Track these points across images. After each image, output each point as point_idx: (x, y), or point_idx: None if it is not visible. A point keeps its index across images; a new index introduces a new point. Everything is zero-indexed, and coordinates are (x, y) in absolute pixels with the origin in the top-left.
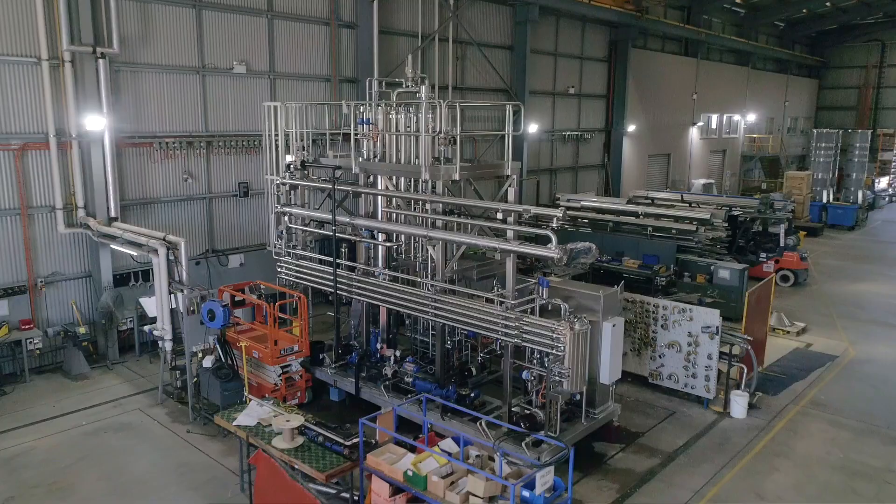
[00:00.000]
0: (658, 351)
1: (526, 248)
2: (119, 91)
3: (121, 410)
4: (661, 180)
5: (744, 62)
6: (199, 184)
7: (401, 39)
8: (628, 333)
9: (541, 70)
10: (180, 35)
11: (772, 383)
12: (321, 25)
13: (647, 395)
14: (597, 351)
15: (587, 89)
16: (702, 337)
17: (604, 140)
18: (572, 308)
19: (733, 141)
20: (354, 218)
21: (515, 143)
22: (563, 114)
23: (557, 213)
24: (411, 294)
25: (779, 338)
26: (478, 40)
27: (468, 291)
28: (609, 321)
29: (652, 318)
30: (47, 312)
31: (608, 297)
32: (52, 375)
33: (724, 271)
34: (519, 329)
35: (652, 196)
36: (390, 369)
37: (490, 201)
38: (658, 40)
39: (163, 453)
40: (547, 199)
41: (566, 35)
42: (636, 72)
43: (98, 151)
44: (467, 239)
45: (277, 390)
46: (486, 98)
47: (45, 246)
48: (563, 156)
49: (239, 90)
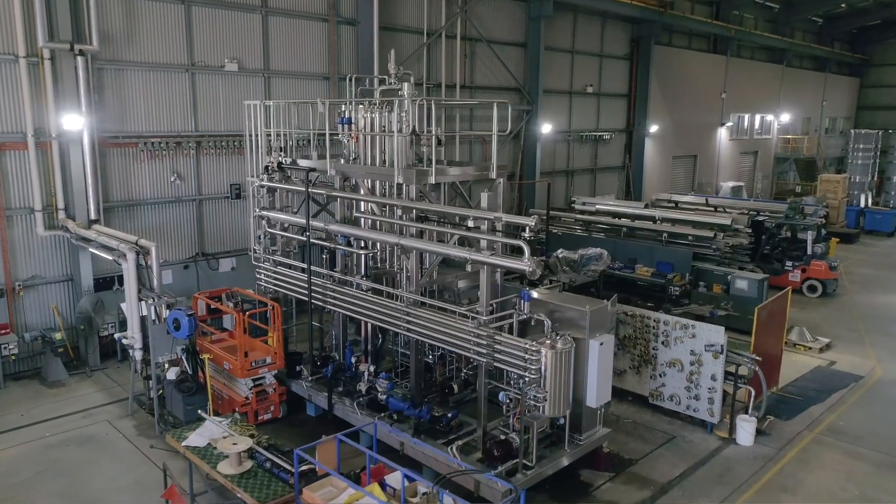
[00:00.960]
0: (658, 369)
1: (496, 259)
2: (103, 90)
3: (89, 421)
4: (686, 183)
5: (778, 60)
6: (188, 185)
7: (405, 36)
8: (627, 350)
9: (557, 68)
10: (168, 32)
11: (786, 406)
12: (319, 22)
13: (647, 416)
14: (583, 371)
15: (607, 88)
16: (705, 356)
17: (625, 141)
18: (558, 323)
19: (766, 142)
20: (329, 223)
21: (527, 143)
22: (580, 113)
23: (530, 222)
24: (384, 306)
25: (799, 354)
26: (488, 37)
27: (440, 305)
28: (597, 339)
29: (652, 334)
30: (27, 317)
31: (596, 312)
32: (29, 382)
33: (741, 281)
34: (490, 348)
35: (675, 199)
36: (365, 385)
37: (462, 207)
38: (684, 37)
39: (122, 469)
40: (563, 201)
41: (584, 31)
42: (660, 70)
43: (77, 152)
44: (437, 248)
45: (248, 404)
46: (498, 97)
47: (25, 248)
48: (581, 157)
49: (231, 89)
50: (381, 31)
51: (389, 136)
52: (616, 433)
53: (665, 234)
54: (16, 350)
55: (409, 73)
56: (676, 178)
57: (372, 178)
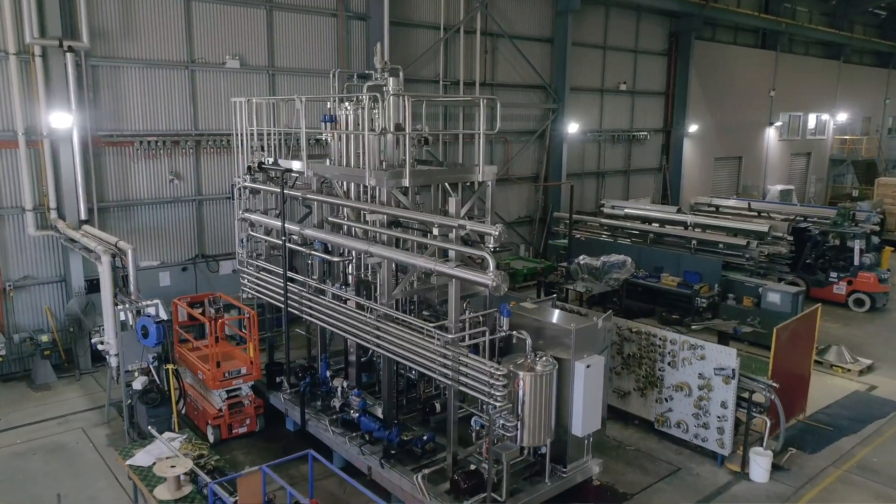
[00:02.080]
0: (665, 392)
1: (459, 271)
2: (98, 87)
3: (64, 428)
4: (730, 186)
5: (834, 55)
6: (187, 185)
7: (420, 32)
8: (632, 370)
9: (587, 64)
10: (167, 28)
11: (812, 437)
12: (328, 17)
13: (652, 444)
14: (568, 396)
15: (642, 85)
16: (715, 380)
17: (662, 141)
18: (542, 341)
19: (820, 143)
20: (304, 227)
21: (553, 143)
22: (613, 112)
23: (493, 232)
24: (354, 318)
25: (835, 377)
26: (511, 32)
27: (408, 319)
28: (584, 360)
29: (658, 354)
30: (18, 318)
31: (583, 331)
32: (17, 384)
33: (773, 294)
34: (456, 370)
35: (716, 203)
36: (339, 401)
37: (430, 213)
38: (729, 31)
39: (81, 482)
40: (593, 204)
41: (618, 26)
42: (701, 66)
43: (67, 151)
44: (400, 256)
45: (221, 417)
46: (521, 96)
47: (17, 248)
48: (613, 158)
49: (232, 87)
50: (394, 27)
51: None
52: (614, 462)
53: (694, 242)
54: (3, 351)
55: (398, 68)
56: (719, 181)
57: (346, 180)
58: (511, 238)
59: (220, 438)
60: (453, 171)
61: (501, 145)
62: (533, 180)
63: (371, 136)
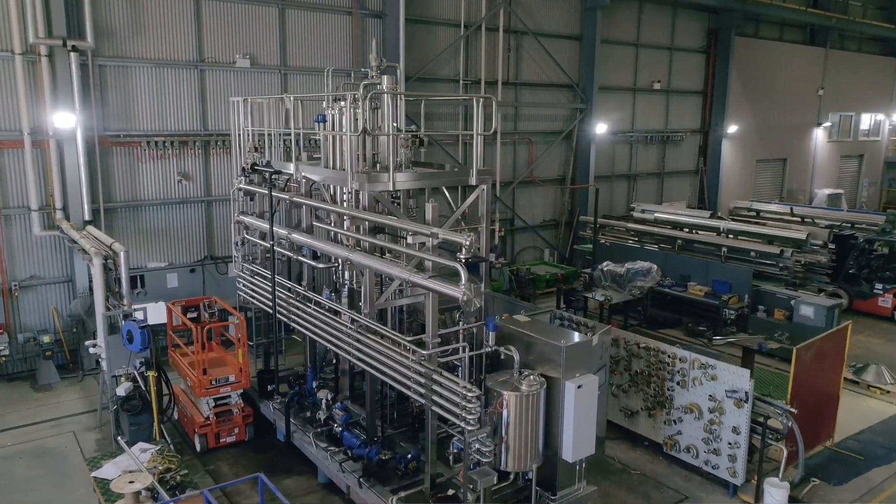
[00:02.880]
0: (674, 414)
1: (431, 282)
2: (105, 87)
3: (55, 432)
4: (773, 189)
5: (891, 52)
6: (196, 186)
7: (440, 29)
8: (640, 388)
9: (617, 62)
10: (176, 27)
11: (838, 466)
12: (343, 14)
13: (661, 468)
14: (558, 418)
15: (678, 84)
16: (726, 403)
17: (699, 142)
18: (533, 357)
19: (874, 144)
20: (292, 232)
21: (580, 144)
22: (645, 112)
23: (464, 241)
24: (335, 328)
25: (872, 399)
26: (536, 29)
27: (385, 331)
28: (575, 380)
29: (668, 372)
30: (24, 318)
31: (575, 348)
32: (21, 384)
33: (806, 307)
34: (429, 388)
35: (756, 208)
36: (324, 414)
37: (405, 220)
38: (774, 27)
39: (60, 490)
40: (623, 208)
41: (652, 22)
42: (742, 64)
43: (72, 151)
44: (381, 266)
45: (208, 425)
46: (547, 95)
47: (23, 248)
48: (646, 160)
49: (243, 86)
50: (413, 25)
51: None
52: (616, 487)
53: (724, 249)
54: (6, 351)
55: (395, 66)
56: (762, 185)
57: (332, 183)
58: (535, 243)
59: (207, 447)
60: (444, 175)
61: (525, 146)
62: (559, 182)
63: (353, 138)
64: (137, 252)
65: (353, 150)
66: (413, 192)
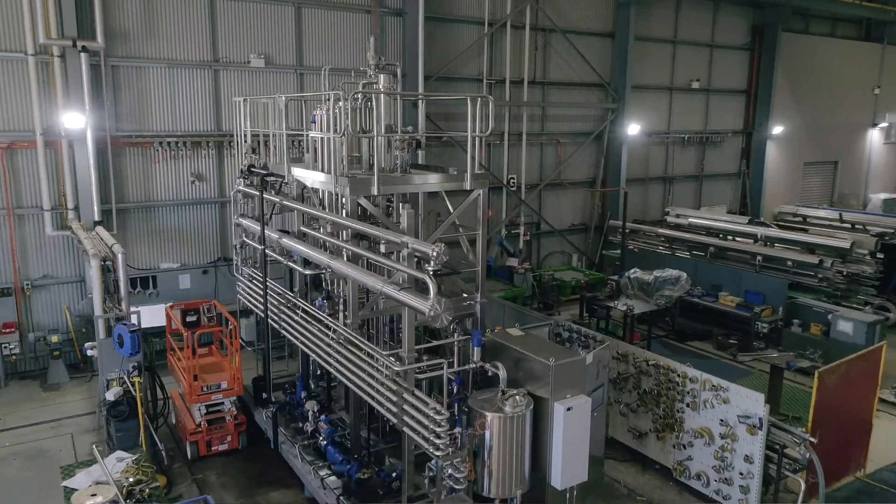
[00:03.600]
0: (684, 438)
1: (401, 294)
2: (119, 87)
3: (54, 433)
4: (823, 194)
5: None
6: (209, 187)
7: (463, 27)
8: (649, 408)
9: (653, 61)
10: (190, 27)
11: (870, 500)
12: (361, 13)
13: (670, 495)
14: (546, 441)
15: (718, 83)
16: (739, 429)
17: (741, 144)
18: (522, 373)
19: None
20: (283, 236)
21: (612, 146)
22: (683, 112)
23: (430, 251)
24: (318, 338)
25: None
26: (565, 27)
27: (362, 344)
28: (565, 401)
29: (678, 392)
30: (38, 317)
31: (565, 366)
32: (31, 383)
33: (844, 323)
34: (400, 406)
35: (803, 213)
36: (311, 426)
37: (378, 227)
38: (826, 22)
39: (45, 494)
40: (659, 212)
41: (690, 18)
42: (789, 61)
43: (82, 151)
44: (356, 273)
45: (199, 432)
46: (577, 95)
47: (37, 248)
48: (684, 162)
49: (258, 86)
50: (435, 22)
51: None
52: None
53: (759, 258)
54: (17, 350)
55: (395, 64)
56: (810, 188)
57: (320, 187)
58: (563, 247)
59: (198, 455)
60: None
61: (553, 148)
62: (589, 185)
63: (336, 139)
64: (150, 253)
65: (338, 153)
66: (410, 196)
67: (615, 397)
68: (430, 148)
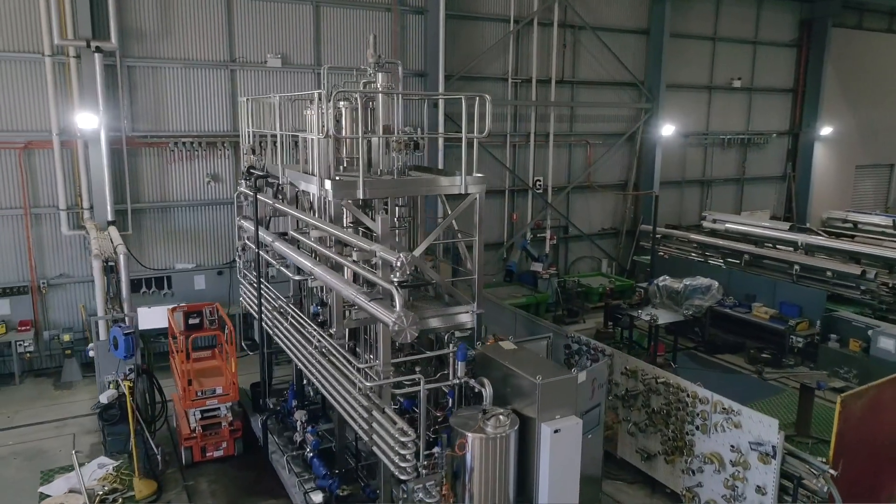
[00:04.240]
0: (694, 463)
1: (370, 304)
2: (135, 88)
3: (57, 433)
4: (877, 199)
5: None
6: (225, 187)
7: (487, 25)
8: (658, 428)
9: (690, 58)
10: (207, 26)
11: None
12: (381, 11)
13: None
14: (534, 463)
15: (762, 81)
16: (751, 456)
17: (787, 145)
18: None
19: None
20: (276, 240)
21: (645, 147)
22: (722, 112)
23: (395, 261)
24: (304, 346)
25: None
26: (595, 24)
27: (339, 355)
28: (553, 423)
29: (688, 413)
30: (55, 315)
31: (553, 385)
32: (44, 381)
33: (886, 340)
34: (370, 423)
35: (854, 219)
36: (300, 436)
37: (352, 234)
38: (882, 17)
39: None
40: (696, 217)
41: (731, 14)
42: (841, 58)
43: (96, 151)
44: (332, 280)
45: (194, 438)
46: (608, 94)
47: (53, 247)
48: (723, 164)
49: (275, 86)
50: (458, 20)
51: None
52: None
53: (796, 267)
54: (31, 348)
55: (396, 63)
56: (863, 193)
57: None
58: (592, 252)
59: (192, 461)
60: (426, 182)
61: (582, 149)
62: (620, 188)
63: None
64: (165, 253)
65: (323, 154)
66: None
67: (624, 415)
68: (450, 149)
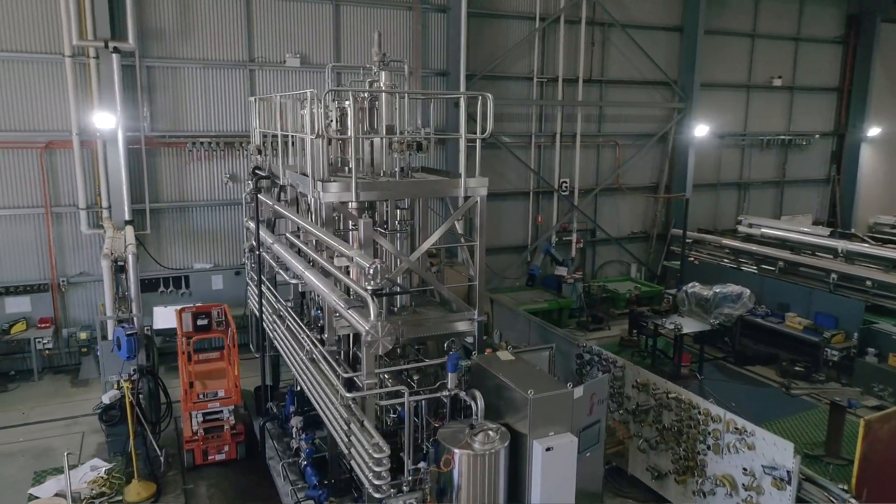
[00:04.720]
0: (705, 485)
1: (347, 311)
2: (154, 88)
3: (65, 431)
4: None
5: None
6: (243, 187)
7: (511, 23)
8: (669, 446)
9: (726, 56)
10: (226, 27)
11: None
12: (402, 9)
13: None
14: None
15: (805, 80)
16: (765, 481)
17: (831, 147)
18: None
19: None
20: (275, 241)
21: (678, 148)
22: (761, 112)
23: (368, 268)
24: (295, 352)
25: None
26: (625, 20)
27: (324, 363)
28: (545, 440)
29: (699, 431)
30: (75, 313)
31: (545, 400)
32: (63, 377)
33: None
34: (348, 437)
35: None
36: (296, 443)
37: (333, 237)
38: None
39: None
40: (730, 221)
41: (771, 9)
42: (891, 55)
43: (114, 151)
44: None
45: (195, 441)
46: (639, 94)
47: (73, 245)
48: (762, 167)
49: (294, 86)
50: (481, 19)
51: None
52: None
53: (834, 276)
54: (50, 345)
55: (402, 61)
56: None
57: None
58: (620, 256)
59: (194, 464)
60: (422, 185)
61: (611, 150)
62: (651, 191)
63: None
64: (183, 253)
65: (317, 155)
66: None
67: (635, 430)
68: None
